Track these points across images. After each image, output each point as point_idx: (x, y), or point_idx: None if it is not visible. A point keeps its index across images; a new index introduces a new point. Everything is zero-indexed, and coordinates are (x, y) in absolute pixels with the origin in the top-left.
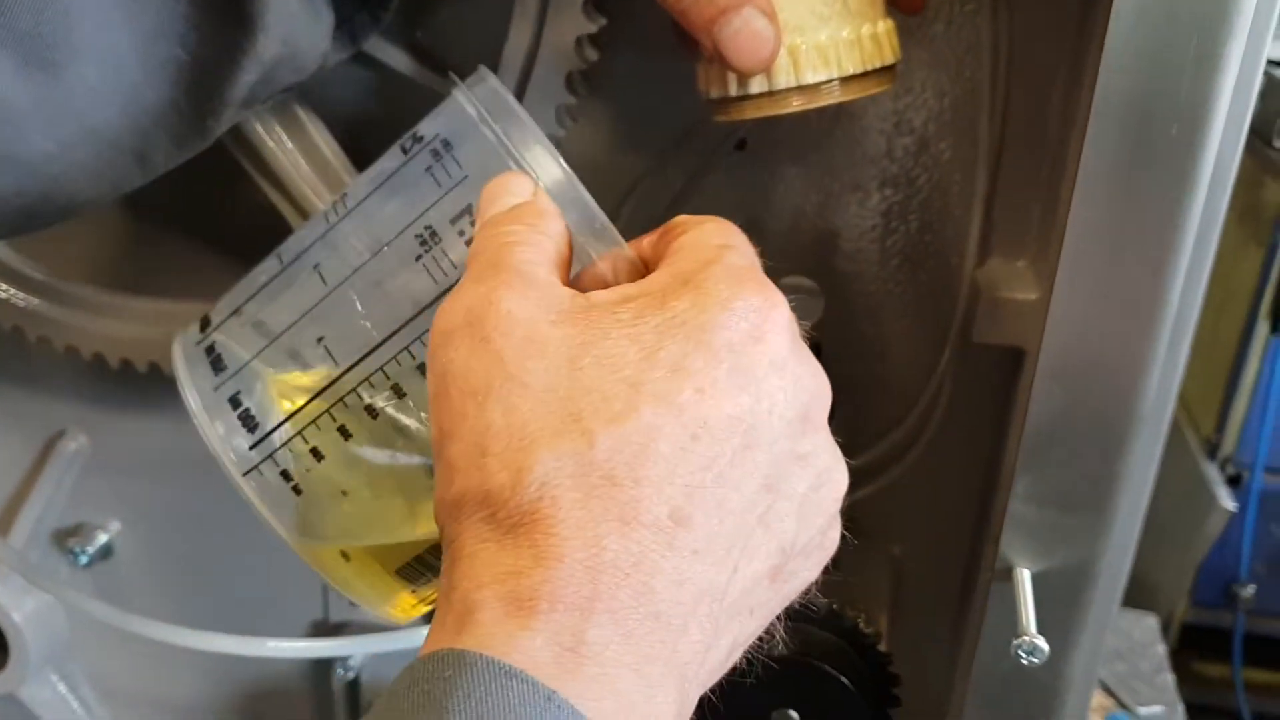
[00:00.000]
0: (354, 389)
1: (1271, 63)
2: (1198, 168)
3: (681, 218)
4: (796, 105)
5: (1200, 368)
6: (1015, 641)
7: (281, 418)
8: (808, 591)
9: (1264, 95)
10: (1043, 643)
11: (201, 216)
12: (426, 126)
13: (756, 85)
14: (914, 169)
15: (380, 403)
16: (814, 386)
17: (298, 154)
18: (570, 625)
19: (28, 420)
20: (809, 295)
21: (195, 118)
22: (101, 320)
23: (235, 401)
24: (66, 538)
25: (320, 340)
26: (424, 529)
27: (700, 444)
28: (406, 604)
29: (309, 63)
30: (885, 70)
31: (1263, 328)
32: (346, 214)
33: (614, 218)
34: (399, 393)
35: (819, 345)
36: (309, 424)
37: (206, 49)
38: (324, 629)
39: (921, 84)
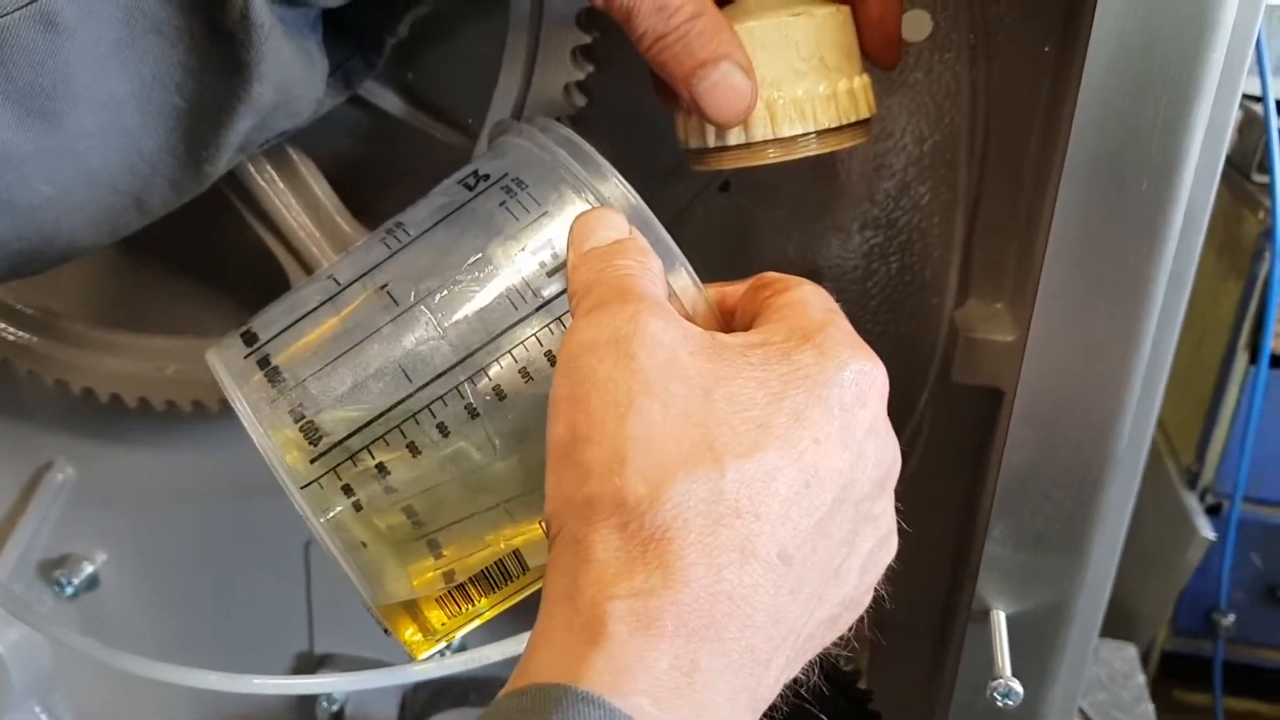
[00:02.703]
0: (427, 406)
1: (1249, 98)
2: (1169, 220)
3: (773, 275)
4: (773, 157)
5: (1180, 398)
6: (991, 684)
7: (348, 431)
8: (840, 643)
9: (1242, 130)
10: (1017, 685)
11: (192, 253)
12: (490, 165)
13: (734, 137)
14: (894, 212)
15: (452, 421)
16: (894, 454)
17: (289, 193)
18: (689, 651)
19: (16, 451)
20: None
21: (192, 163)
22: (92, 355)
23: (297, 414)
24: (53, 569)
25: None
26: (483, 546)
27: (811, 491)
28: (435, 622)
29: (304, 108)
30: (861, 124)
31: (1242, 358)
32: (413, 240)
33: None
34: (472, 413)
35: None
36: (378, 439)
37: (203, 96)
38: (309, 661)
39: (902, 129)
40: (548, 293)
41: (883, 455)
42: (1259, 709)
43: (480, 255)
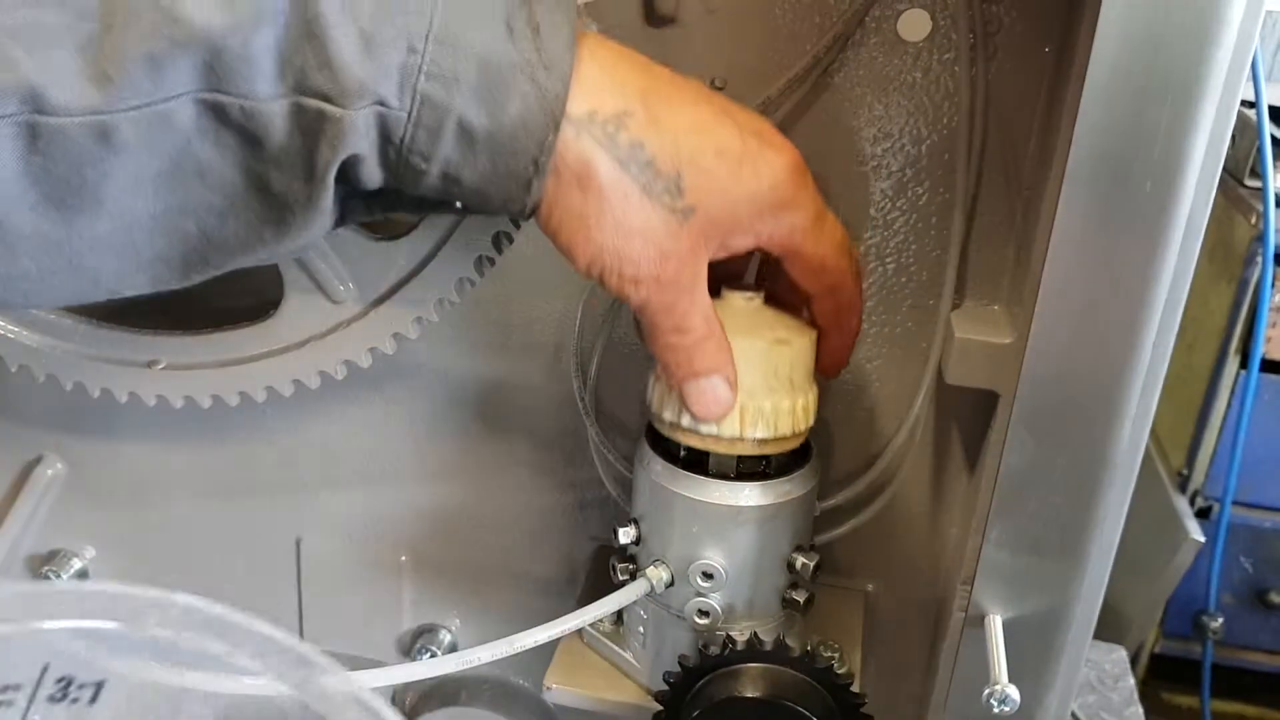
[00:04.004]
0: None
1: (1241, 103)
2: (1171, 224)
3: None
4: (722, 449)
5: (1171, 402)
6: (987, 691)
7: None
8: None
9: (1235, 135)
10: (1014, 692)
11: None
12: None
13: (706, 426)
14: (891, 212)
15: None
16: None
17: None
18: None
19: (5, 445)
20: None
21: (182, 274)
22: (82, 349)
23: None
24: (41, 564)
25: None
26: None
27: None
28: None
29: (305, 247)
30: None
31: (1233, 363)
32: None
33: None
34: None
35: None
36: None
37: (224, 235)
38: None
39: (900, 129)
40: None
41: None
42: (1246, 712)
43: None
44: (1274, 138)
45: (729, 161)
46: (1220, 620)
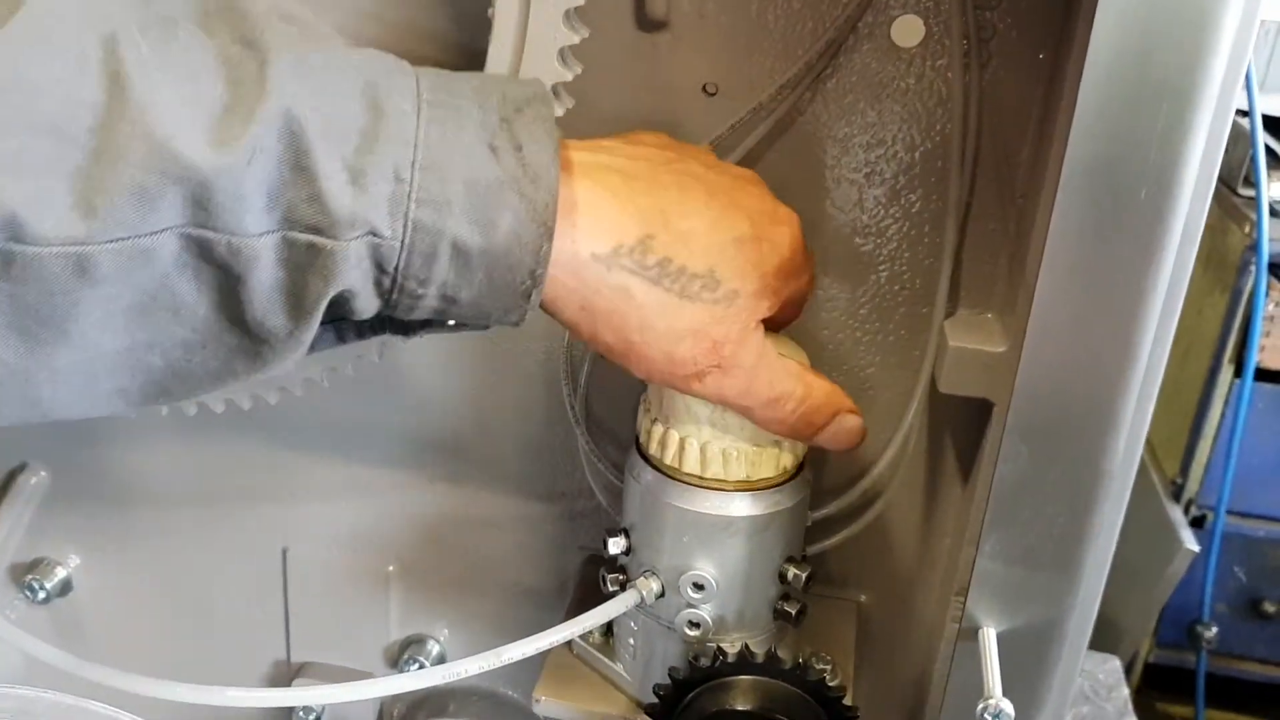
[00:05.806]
0: None
1: (1235, 112)
2: (1167, 231)
3: None
4: (713, 486)
5: (1166, 411)
6: (980, 705)
7: None
8: None
9: (1229, 144)
10: (1008, 706)
11: None
12: None
13: (710, 473)
14: (884, 219)
15: None
16: None
17: None
18: None
19: None
20: None
21: (139, 405)
22: None
23: None
24: (25, 573)
25: None
26: None
27: None
28: None
29: (275, 378)
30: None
31: (1227, 372)
32: None
33: None
34: None
35: None
36: None
37: (191, 367)
38: (285, 669)
39: (893, 136)
40: None
41: None
42: None
43: None
44: (1267, 147)
45: (749, 245)
46: (1214, 630)
